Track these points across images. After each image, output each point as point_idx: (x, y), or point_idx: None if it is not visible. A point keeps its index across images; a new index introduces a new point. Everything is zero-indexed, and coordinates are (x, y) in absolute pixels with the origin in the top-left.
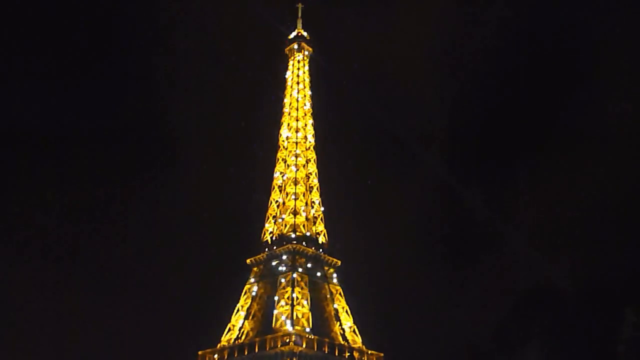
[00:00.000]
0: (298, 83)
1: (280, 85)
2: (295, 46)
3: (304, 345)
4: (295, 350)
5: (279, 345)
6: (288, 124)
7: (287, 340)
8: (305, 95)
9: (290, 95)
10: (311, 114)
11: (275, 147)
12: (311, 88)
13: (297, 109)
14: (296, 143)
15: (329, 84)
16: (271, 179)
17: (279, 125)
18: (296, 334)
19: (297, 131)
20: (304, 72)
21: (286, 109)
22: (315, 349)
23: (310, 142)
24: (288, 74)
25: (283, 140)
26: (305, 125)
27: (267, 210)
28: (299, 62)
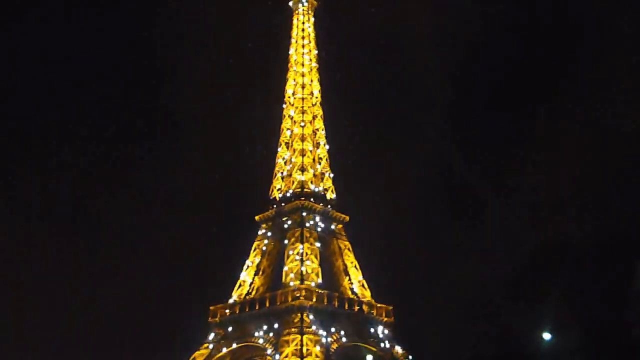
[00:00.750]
0: (303, 38)
1: (284, 41)
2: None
3: (314, 300)
4: (305, 305)
5: (289, 300)
6: (294, 80)
7: (298, 295)
8: (310, 50)
9: (296, 50)
10: (317, 69)
11: (280, 103)
12: (317, 43)
13: (302, 64)
14: (302, 99)
15: (335, 40)
16: (278, 136)
17: (284, 81)
18: (306, 289)
19: (302, 87)
20: (310, 27)
21: (292, 65)
22: (325, 303)
23: (316, 97)
24: (293, 29)
25: (289, 97)
26: (311, 80)
27: (274, 168)
28: (304, 16)
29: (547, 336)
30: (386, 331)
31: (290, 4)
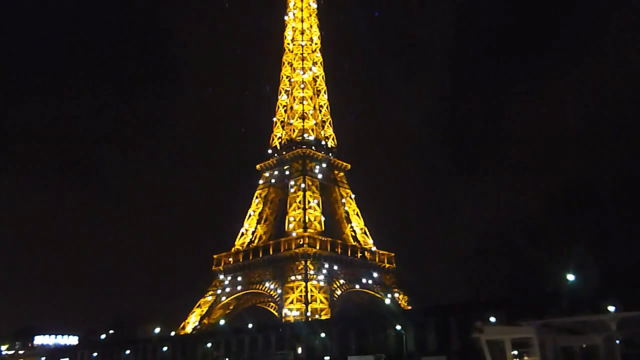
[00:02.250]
0: None
1: None
2: None
3: (317, 247)
4: (309, 252)
5: (293, 248)
6: (293, 26)
7: (301, 242)
8: None
9: None
10: (316, 14)
11: (279, 50)
12: None
13: (301, 9)
14: (302, 45)
15: None
16: (277, 83)
17: (282, 27)
18: (309, 236)
19: (302, 32)
20: None
21: (290, 9)
22: (329, 250)
23: (316, 44)
24: None
25: (288, 43)
26: (311, 26)
27: (274, 115)
28: None
29: (570, 277)
30: (388, 277)
31: None
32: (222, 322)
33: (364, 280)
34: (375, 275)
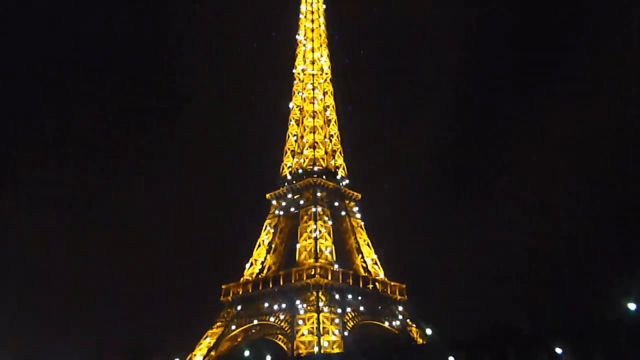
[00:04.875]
0: (312, 12)
1: (294, 18)
2: None
3: (329, 278)
4: (320, 283)
5: (304, 278)
6: (303, 56)
7: (313, 273)
8: (320, 26)
9: (305, 26)
10: (327, 45)
11: (290, 80)
12: (326, 19)
13: (312, 40)
14: (312, 75)
15: (343, 16)
16: (287, 113)
17: (293, 57)
18: (321, 267)
19: (312, 62)
20: (319, 2)
21: (301, 41)
22: (341, 281)
23: (326, 74)
24: (302, 4)
25: (299, 73)
26: (321, 56)
27: (284, 145)
28: None
29: (632, 306)
30: (400, 309)
31: None
32: (247, 352)
33: (376, 312)
34: (387, 307)
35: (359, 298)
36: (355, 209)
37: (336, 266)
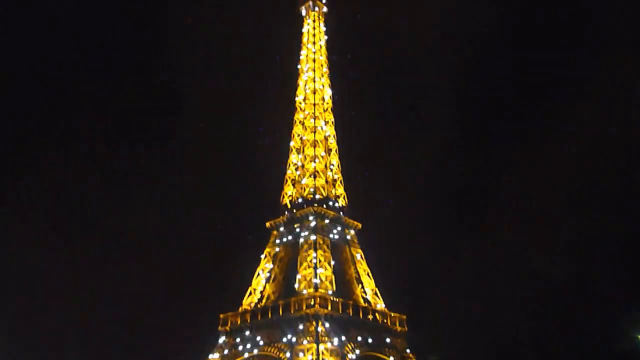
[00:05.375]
0: (314, 43)
1: (290, 46)
2: (310, 4)
3: (329, 308)
4: (320, 313)
5: (303, 308)
6: (305, 85)
7: (312, 303)
8: (322, 56)
9: (307, 55)
10: (328, 74)
11: (290, 109)
12: (327, 48)
13: (314, 69)
14: (314, 104)
15: (343, 46)
16: (287, 141)
17: (293, 87)
18: (321, 297)
19: (314, 92)
20: (320, 32)
21: (302, 70)
22: (340, 312)
23: (327, 103)
24: (304, 34)
25: (300, 102)
26: (323, 86)
27: (285, 174)
28: (314, 21)
29: None
30: (400, 341)
31: (302, 9)
32: None
33: (376, 344)
34: (387, 338)
35: (359, 329)
36: (356, 238)
37: (336, 296)
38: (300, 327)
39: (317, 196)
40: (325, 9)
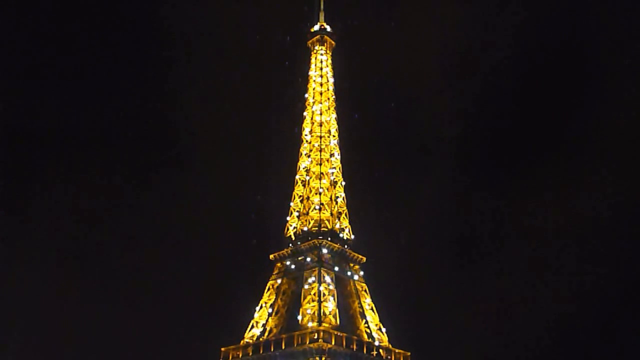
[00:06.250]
0: (321, 76)
1: (296, 80)
2: (318, 39)
3: (332, 342)
4: (324, 348)
5: (307, 342)
6: (311, 118)
7: (316, 337)
8: (328, 89)
9: (314, 88)
10: (334, 108)
11: (294, 142)
12: (334, 83)
13: (320, 102)
14: (320, 137)
15: (351, 80)
16: (291, 174)
17: (299, 119)
18: (325, 331)
19: (320, 125)
20: (327, 65)
21: (309, 102)
22: (344, 347)
23: (333, 136)
24: (311, 67)
25: (306, 135)
26: (329, 118)
27: (289, 206)
28: (322, 55)
29: None
30: None
31: (309, 43)
32: None
33: None
34: None
35: None
36: (360, 272)
37: (339, 331)
38: None
39: (322, 229)
40: (333, 44)
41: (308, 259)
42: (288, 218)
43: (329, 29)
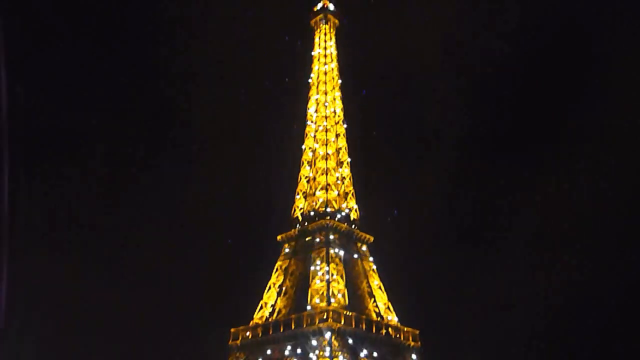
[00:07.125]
0: (325, 56)
1: (302, 60)
2: (322, 18)
3: (342, 322)
4: (333, 327)
5: (316, 322)
6: (316, 98)
7: (325, 317)
8: (333, 69)
9: (318, 68)
10: (339, 87)
11: (301, 122)
12: (338, 61)
13: (325, 82)
14: (325, 117)
15: (355, 59)
16: (298, 154)
17: (304, 99)
18: (334, 311)
19: (325, 105)
20: (332, 45)
21: (314, 82)
22: (354, 326)
23: (338, 116)
24: (315, 47)
25: (311, 115)
26: (334, 98)
27: (296, 187)
28: (326, 34)
29: None
30: (414, 356)
31: (312, 22)
32: None
33: (389, 359)
34: (400, 354)
35: (372, 344)
36: (368, 251)
37: (348, 310)
38: (314, 342)
39: (329, 209)
40: (337, 22)
41: (316, 240)
42: (296, 198)
43: (332, 7)
